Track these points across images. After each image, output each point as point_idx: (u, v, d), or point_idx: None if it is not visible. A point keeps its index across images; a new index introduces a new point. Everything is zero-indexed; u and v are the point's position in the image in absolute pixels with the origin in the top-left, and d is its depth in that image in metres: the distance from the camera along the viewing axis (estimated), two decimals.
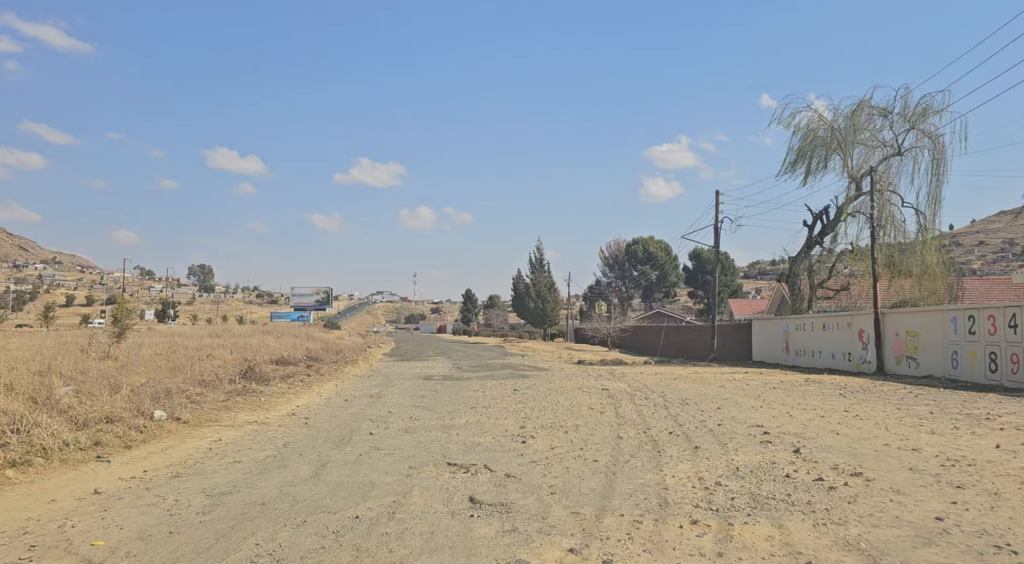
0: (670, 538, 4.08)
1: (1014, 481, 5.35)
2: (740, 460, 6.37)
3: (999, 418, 8.83)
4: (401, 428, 8.68)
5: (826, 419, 9.04)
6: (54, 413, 7.18)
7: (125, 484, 5.71)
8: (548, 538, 4.08)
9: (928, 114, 24.16)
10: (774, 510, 4.66)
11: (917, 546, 3.88)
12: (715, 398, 11.89)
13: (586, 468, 6.09)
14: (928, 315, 16.66)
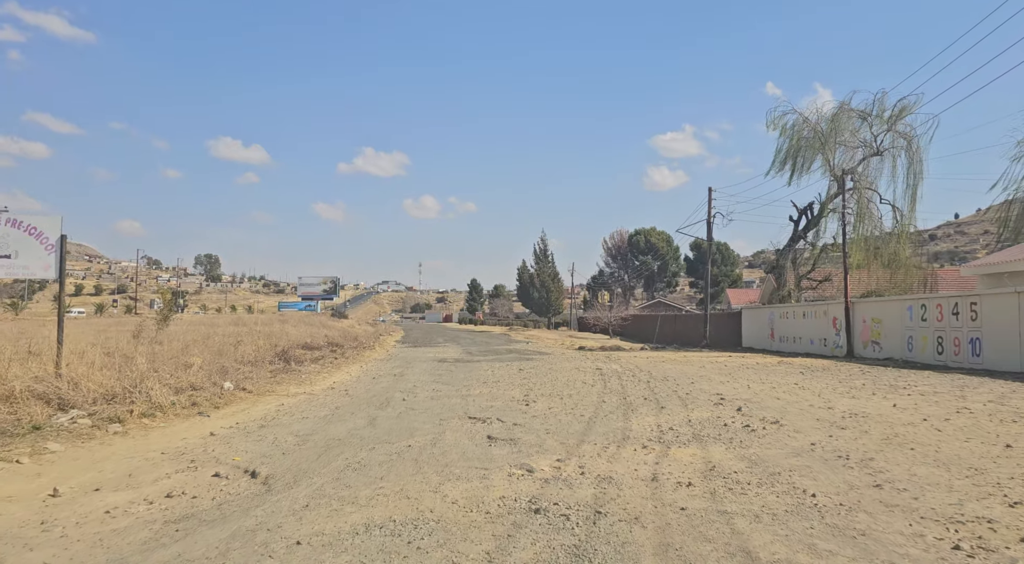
0: (624, 455, 6.01)
1: (884, 425, 7.27)
2: (693, 416, 8.29)
3: (914, 387, 10.75)
4: (427, 396, 10.65)
5: (775, 390, 10.97)
6: (154, 382, 9.14)
7: (229, 430, 7.67)
8: (543, 455, 6.02)
9: (904, 116, 25.91)
10: (704, 442, 6.58)
11: (788, 457, 5.81)
12: (692, 376, 13.82)
13: (573, 420, 8.03)
14: (889, 304, 18.54)
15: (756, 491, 4.73)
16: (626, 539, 3.73)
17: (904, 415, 8.00)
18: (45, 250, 8.89)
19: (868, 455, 5.80)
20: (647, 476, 5.19)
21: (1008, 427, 7.05)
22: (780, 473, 5.23)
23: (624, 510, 4.28)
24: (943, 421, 7.49)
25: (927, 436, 6.64)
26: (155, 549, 3.69)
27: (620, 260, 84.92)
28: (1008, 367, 13.39)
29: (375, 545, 3.68)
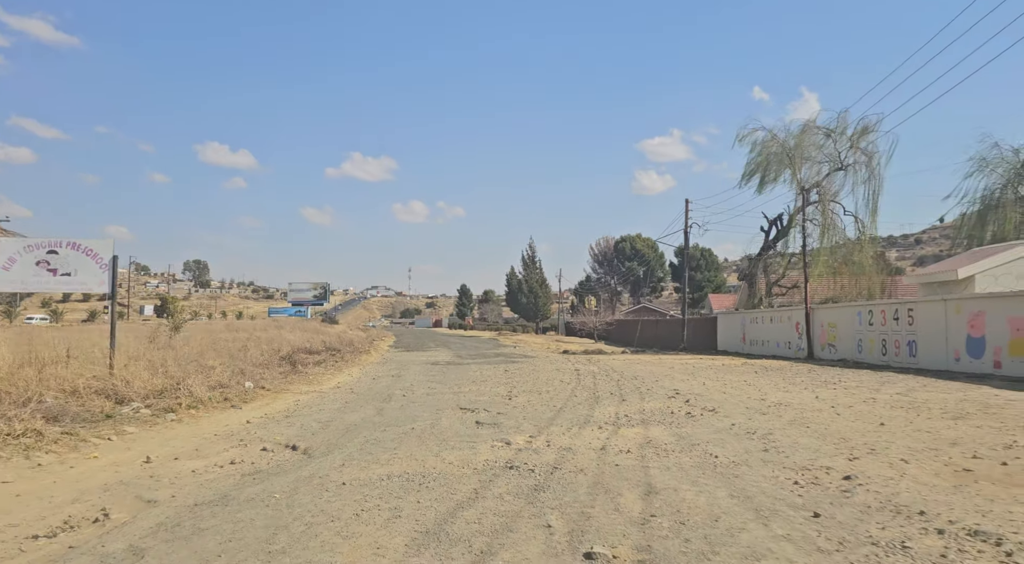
0: (583, 434, 7.64)
1: (797, 411, 8.97)
2: (647, 406, 9.94)
3: (842, 383, 12.49)
4: (423, 393, 12.26)
5: (725, 386, 12.66)
6: (194, 380, 10.69)
7: (261, 419, 9.25)
8: (519, 434, 7.64)
9: (866, 134, 27.83)
10: (649, 424, 8.23)
11: (710, 434, 7.46)
12: (658, 375, 15.51)
13: (547, 410, 9.67)
14: (843, 310, 20.34)
15: (675, 455, 6.37)
16: (572, 481, 5.36)
17: (818, 404, 9.70)
18: (100, 269, 10.44)
19: (771, 431, 7.48)
20: (597, 447, 6.83)
21: (893, 412, 8.76)
22: (699, 444, 6.88)
23: (575, 466, 5.91)
24: (846, 408, 9.19)
25: (825, 418, 8.33)
26: (244, 487, 5.29)
27: (607, 266, 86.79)
28: (937, 365, 15.16)
29: (396, 485, 5.29)
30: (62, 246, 10.25)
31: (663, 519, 4.26)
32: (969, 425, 7.60)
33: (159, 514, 4.61)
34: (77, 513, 4.67)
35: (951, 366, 14.69)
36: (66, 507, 4.85)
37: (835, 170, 28.31)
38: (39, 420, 7.12)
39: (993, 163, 27.93)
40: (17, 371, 9.42)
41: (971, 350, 14.20)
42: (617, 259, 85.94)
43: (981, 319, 13.94)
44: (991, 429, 7.30)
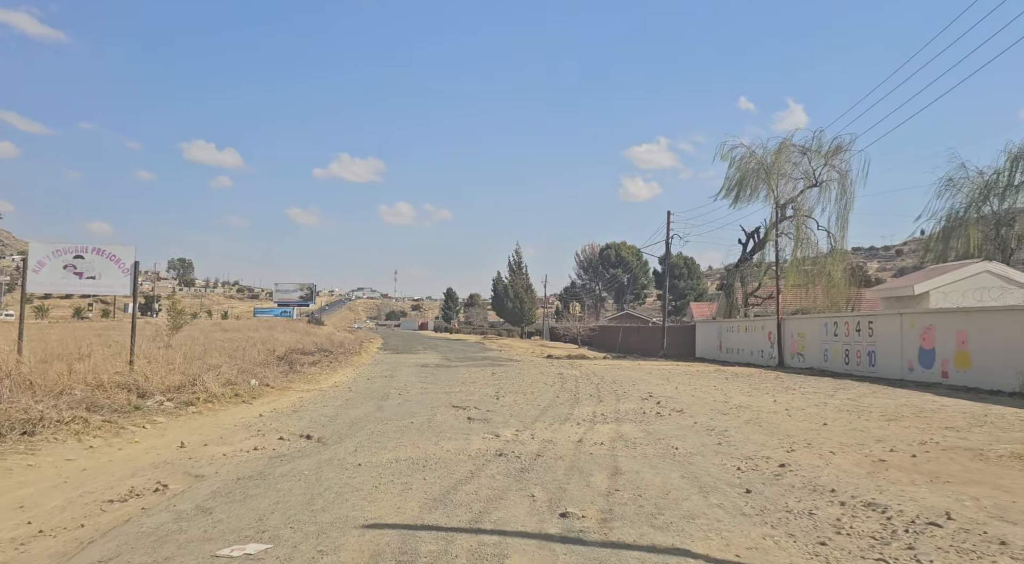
0: (564, 429, 8.66)
1: (754, 412, 10.05)
2: (622, 407, 10.98)
3: (802, 389, 13.63)
4: (417, 392, 13.22)
5: (695, 390, 13.75)
6: (208, 377, 11.59)
7: (271, 413, 10.17)
8: (507, 428, 8.64)
9: (839, 153, 29.20)
10: (622, 422, 9.26)
11: (675, 430, 8.50)
12: (636, 380, 16.57)
13: (532, 408, 10.68)
14: (811, 320, 21.56)
15: (642, 447, 7.40)
16: (552, 465, 6.37)
17: (775, 407, 10.80)
18: (122, 273, 11.32)
19: (727, 429, 8.54)
20: (575, 439, 7.84)
21: (838, 414, 9.87)
22: (663, 438, 7.92)
23: (555, 454, 6.92)
24: (798, 410, 10.30)
25: (778, 419, 9.42)
26: (275, 467, 6.25)
27: (591, 272, 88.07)
28: (892, 375, 16.36)
29: (403, 466, 6.27)
30: (88, 251, 11.12)
31: (624, 492, 5.28)
32: (899, 426, 8.72)
33: (210, 485, 5.56)
34: (138, 485, 5.61)
35: (905, 375, 15.89)
36: (127, 480, 5.79)
37: (810, 186, 29.65)
38: (83, 409, 8.02)
39: (959, 183, 29.33)
40: (45, 366, 10.27)
41: (923, 361, 15.41)
42: (602, 266, 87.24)
43: (932, 332, 15.16)
44: (916, 429, 8.42)
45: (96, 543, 4.09)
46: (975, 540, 4.11)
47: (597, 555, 3.80)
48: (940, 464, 6.35)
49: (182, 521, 4.52)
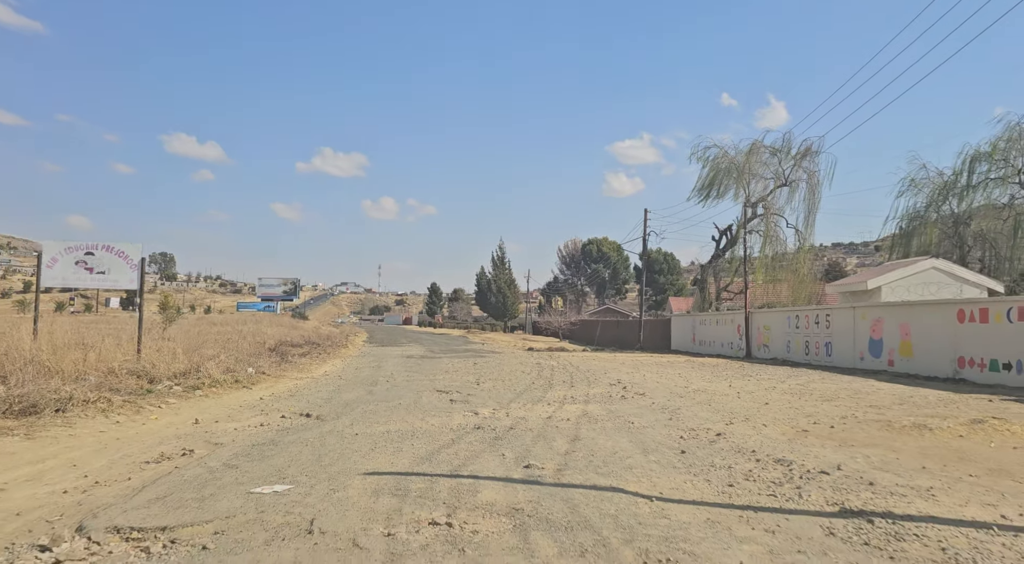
0: (536, 409, 9.71)
1: (709, 395, 11.18)
2: (591, 391, 12.06)
3: (757, 376, 14.81)
4: (403, 379, 14.22)
5: (660, 378, 14.88)
6: (210, 364, 12.50)
7: (270, 396, 11.13)
8: (485, 408, 9.68)
9: (808, 155, 30.55)
10: (588, 403, 10.33)
11: (634, 409, 9.58)
12: (608, 369, 17.68)
13: (509, 392, 11.73)
14: (775, 314, 22.82)
15: (602, 422, 8.47)
16: (521, 435, 7.41)
17: (728, 391, 11.94)
18: (130, 268, 12.19)
19: (680, 408, 9.65)
20: (545, 416, 8.90)
21: (782, 396, 11.03)
22: (623, 415, 9.00)
23: (525, 427, 7.97)
24: (748, 394, 11.44)
25: (727, 400, 10.55)
26: (284, 436, 7.24)
27: (574, 267, 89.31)
28: (846, 364, 17.62)
29: (394, 436, 7.29)
30: (98, 248, 11.97)
31: (579, 453, 6.35)
32: (831, 405, 9.88)
33: (230, 450, 6.55)
34: (167, 450, 6.57)
35: (857, 364, 17.15)
36: (156, 447, 6.75)
37: (779, 186, 31.00)
38: (106, 390, 8.94)
39: (921, 184, 30.81)
40: (62, 353, 11.13)
41: (872, 350, 16.67)
42: (584, 261, 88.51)
43: (880, 324, 16.41)
44: (844, 407, 9.58)
45: (148, 488, 5.06)
46: (851, 482, 5.22)
47: (548, 491, 4.86)
48: (851, 433, 7.49)
49: (214, 473, 5.51)
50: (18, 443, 6.65)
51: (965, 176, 28.69)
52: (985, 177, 27.88)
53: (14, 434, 6.90)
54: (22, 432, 7.00)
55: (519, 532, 3.93)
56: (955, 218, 29.31)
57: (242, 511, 4.35)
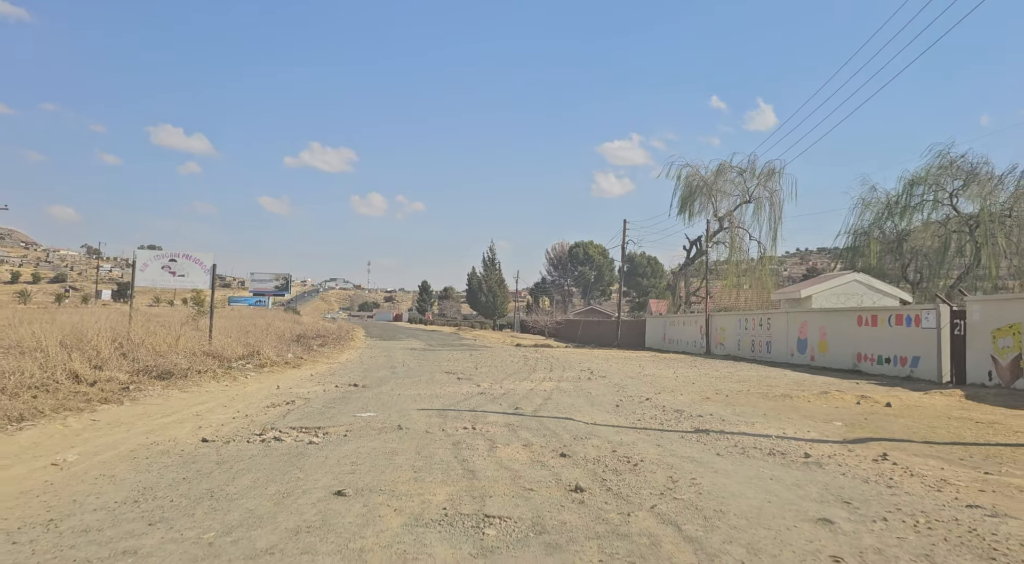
0: (521, 385, 13.11)
1: (654, 378, 14.64)
2: (565, 374, 15.47)
3: (701, 367, 18.31)
4: (415, 365, 17.58)
5: (623, 367, 18.33)
6: (266, 348, 15.78)
7: (317, 374, 14.43)
8: (484, 383, 13.06)
9: (771, 175, 34.16)
10: (561, 382, 13.73)
11: (595, 387, 13.01)
12: (582, 361, 21.12)
13: (501, 374, 15.13)
14: (731, 317, 26.37)
15: (568, 392, 11.87)
16: (511, 397, 10.79)
17: (671, 375, 15.40)
18: (204, 272, 15.46)
19: (627, 384, 13.08)
20: (528, 388, 12.29)
21: (708, 379, 14.49)
22: (584, 389, 12.40)
23: (514, 393, 11.34)
24: (684, 377, 14.90)
25: (666, 381, 14.00)
26: (349, 394, 10.58)
27: (561, 269, 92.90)
28: (781, 359, 21.15)
29: (425, 396, 10.65)
30: (180, 257, 15.22)
31: (549, 405, 9.75)
32: (739, 385, 13.35)
33: (319, 400, 9.88)
34: (275, 401, 9.88)
35: (788, 360, 20.70)
36: (266, 399, 10.07)
37: (744, 202, 34.60)
38: (212, 364, 12.24)
39: (870, 203, 34.49)
40: (155, 338, 14.37)
41: (800, 348, 20.22)
42: (571, 263, 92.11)
43: (806, 327, 19.96)
44: (747, 386, 13.06)
45: (287, 416, 8.39)
46: (712, 420, 8.64)
47: (528, 418, 8.27)
48: (737, 399, 10.95)
49: (322, 408, 8.86)
50: (180, 394, 9.97)
51: (905, 198, 32.40)
52: (921, 199, 31.58)
53: (171, 389, 10.22)
54: (175, 388, 10.32)
55: (510, 430, 7.34)
56: (897, 235, 33.01)
57: (355, 423, 7.72)
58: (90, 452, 5.94)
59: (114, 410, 8.25)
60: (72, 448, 6.06)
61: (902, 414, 9.62)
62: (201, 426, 7.49)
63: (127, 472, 5.23)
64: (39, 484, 4.84)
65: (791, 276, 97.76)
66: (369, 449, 6.20)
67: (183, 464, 5.53)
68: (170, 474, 5.17)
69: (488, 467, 5.50)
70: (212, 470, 5.31)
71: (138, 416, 7.98)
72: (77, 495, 4.54)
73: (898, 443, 7.28)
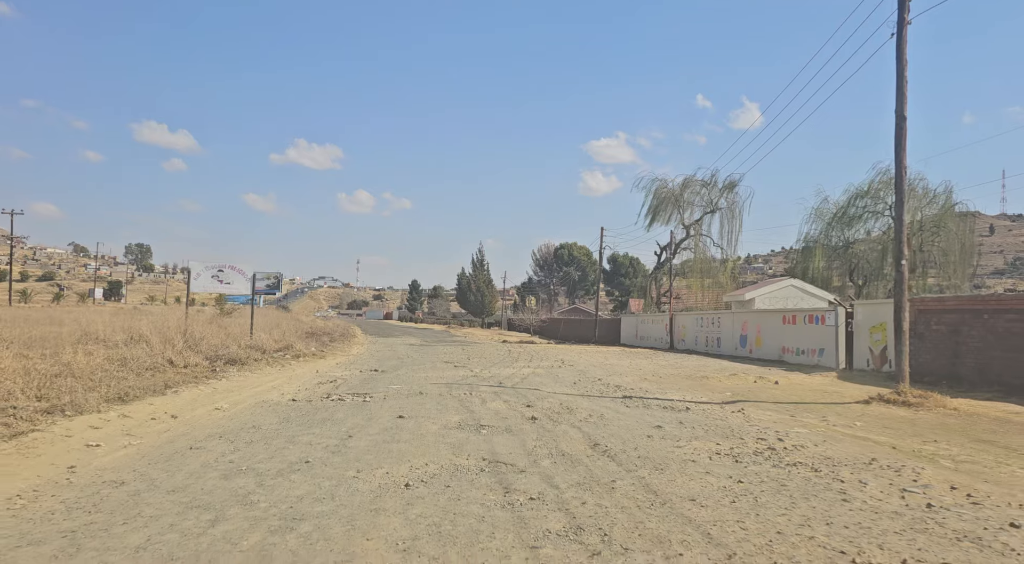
0: (505, 370, 16.65)
1: (613, 366, 18.24)
2: (541, 364, 19.02)
3: (656, 359, 21.96)
4: (418, 357, 21.08)
5: (591, 358, 21.92)
6: (297, 342, 19.21)
7: (340, 363, 17.89)
8: (475, 368, 16.58)
9: (732, 187, 37.91)
10: (537, 369, 17.28)
11: (563, 371, 16.59)
12: (559, 354, 24.70)
13: (488, 363, 18.67)
14: (691, 315, 30.06)
15: (541, 375, 15.41)
16: (497, 377, 14.33)
17: (628, 364, 18.99)
18: (245, 280, 18.84)
19: (588, 370, 16.65)
20: (510, 374, 15.82)
21: (654, 367, 18.09)
22: (554, 373, 15.94)
23: (499, 376, 14.87)
24: (636, 365, 18.50)
25: (621, 368, 17.58)
26: (374, 376, 14.08)
27: (547, 269, 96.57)
28: (728, 353, 24.82)
29: (431, 377, 14.16)
30: (226, 267, 18.60)
31: (525, 383, 13.31)
32: (676, 370, 16.96)
33: (354, 380, 13.36)
34: (321, 380, 13.34)
35: (733, 353, 24.38)
36: (313, 379, 13.53)
37: (708, 212, 38.35)
38: (262, 354, 15.69)
39: (821, 213, 38.34)
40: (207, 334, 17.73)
41: (741, 343, 23.92)
42: (556, 264, 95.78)
43: (746, 325, 23.65)
44: (682, 371, 16.67)
45: (336, 389, 11.86)
46: (639, 391, 12.22)
47: (508, 388, 11.83)
48: (667, 380, 14.55)
49: (359, 385, 12.35)
50: (251, 375, 13.43)
51: (851, 209, 36.26)
52: (864, 210, 35.45)
53: (244, 372, 13.67)
54: (247, 371, 13.78)
55: (495, 394, 10.90)
56: (844, 242, 36.87)
57: (388, 391, 11.24)
58: (232, 403, 9.43)
59: (218, 383, 11.71)
60: (217, 401, 9.53)
61: (782, 388, 13.26)
62: (284, 393, 10.97)
63: (264, 412, 8.73)
64: (219, 417, 8.32)
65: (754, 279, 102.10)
66: (405, 402, 9.73)
67: (294, 409, 9.03)
68: (291, 413, 8.67)
69: (481, 409, 9.05)
70: (316, 411, 8.82)
71: (237, 387, 11.45)
72: (248, 421, 8.03)
73: (757, 403, 10.88)
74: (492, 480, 5.19)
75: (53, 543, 3.64)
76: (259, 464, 5.65)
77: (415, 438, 6.92)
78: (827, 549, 3.71)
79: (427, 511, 4.33)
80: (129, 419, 7.75)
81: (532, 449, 6.44)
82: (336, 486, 4.94)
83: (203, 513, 4.23)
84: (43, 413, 7.35)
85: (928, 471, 5.76)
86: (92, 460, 5.72)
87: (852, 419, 9.10)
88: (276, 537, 3.78)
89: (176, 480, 5.07)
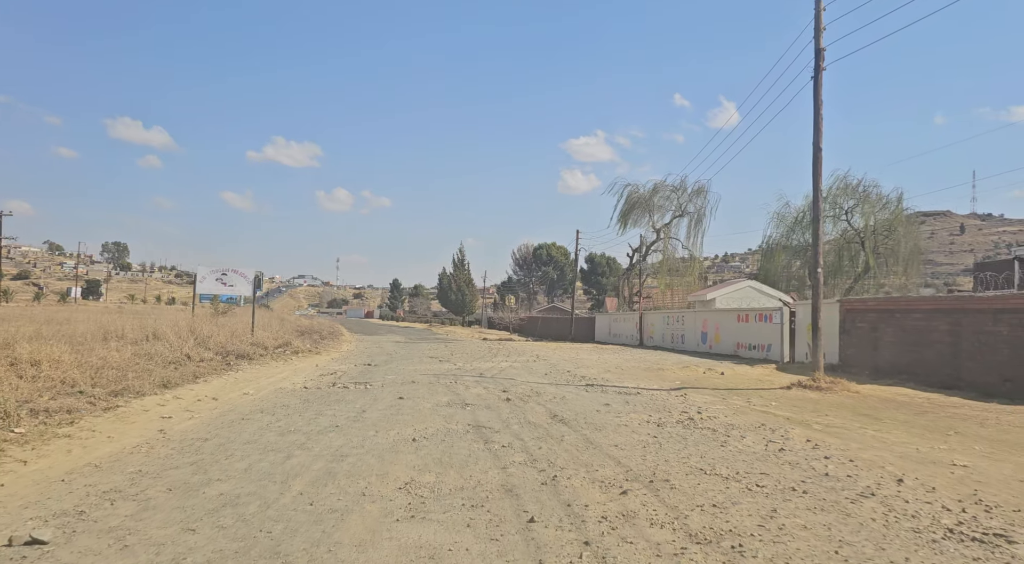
0: (484, 364, 18.58)
1: (584, 360, 20.26)
2: (518, 359, 20.97)
3: (622, 354, 24.04)
4: (405, 353, 22.93)
5: (564, 354, 23.92)
6: (295, 340, 20.97)
7: (334, 359, 19.70)
8: (458, 363, 18.49)
9: (699, 193, 40.14)
10: (515, 363, 19.23)
11: (536, 365, 18.56)
12: (535, 350, 26.69)
13: (470, 358, 20.59)
14: (658, 314, 32.22)
15: (516, 368, 17.35)
16: (478, 370, 16.25)
17: (595, 358, 21.02)
18: (248, 282, 20.53)
19: (559, 364, 18.64)
20: (490, 367, 17.75)
21: (619, 361, 20.14)
22: (528, 367, 17.91)
23: (480, 369, 16.80)
24: (603, 360, 20.53)
25: (589, 361, 19.59)
26: (368, 368, 15.94)
27: (526, 269, 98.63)
28: (690, 349, 26.97)
29: (419, 370, 16.05)
30: (229, 271, 20.28)
31: (502, 374, 15.25)
32: (637, 364, 19.01)
33: (352, 372, 15.21)
34: (323, 372, 15.16)
35: (695, 348, 26.55)
36: (315, 371, 15.34)
37: (677, 216, 40.56)
38: (266, 350, 17.46)
39: (784, 218, 40.75)
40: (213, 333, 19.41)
41: (702, 340, 26.08)
42: (535, 263, 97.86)
43: (707, 323, 25.81)
44: (642, 364, 18.71)
45: (339, 379, 13.71)
46: (600, 380, 14.23)
47: (489, 378, 13.77)
48: (628, 371, 16.58)
49: (358, 376, 14.21)
50: (260, 368, 15.22)
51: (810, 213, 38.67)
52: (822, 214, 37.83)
53: (254, 365, 15.45)
54: (257, 364, 15.56)
55: (477, 382, 12.85)
56: (804, 244, 39.29)
57: (385, 380, 13.12)
58: (255, 389, 11.25)
59: (236, 374, 13.49)
60: (242, 388, 11.35)
61: (726, 378, 15.33)
62: (295, 383, 12.80)
63: (285, 396, 10.57)
64: (250, 399, 10.16)
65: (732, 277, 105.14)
66: (401, 388, 11.63)
67: (310, 394, 10.88)
68: (309, 396, 10.52)
69: (465, 393, 10.99)
70: (329, 395, 10.69)
71: (253, 378, 13.26)
72: (276, 402, 9.87)
73: (699, 389, 12.92)
74: (476, 436, 7.13)
75: (187, 468, 5.52)
76: (301, 427, 7.54)
77: (415, 412, 8.84)
78: (693, 468, 5.70)
79: (431, 452, 6.26)
80: (181, 400, 9.57)
81: (506, 419, 8.39)
82: (363, 440, 6.84)
83: (277, 454, 6.12)
84: (113, 395, 9.15)
85: (797, 430, 7.81)
86: (173, 426, 7.56)
87: (770, 400, 11.17)
88: (333, 464, 5.69)
89: (245, 436, 6.94)
